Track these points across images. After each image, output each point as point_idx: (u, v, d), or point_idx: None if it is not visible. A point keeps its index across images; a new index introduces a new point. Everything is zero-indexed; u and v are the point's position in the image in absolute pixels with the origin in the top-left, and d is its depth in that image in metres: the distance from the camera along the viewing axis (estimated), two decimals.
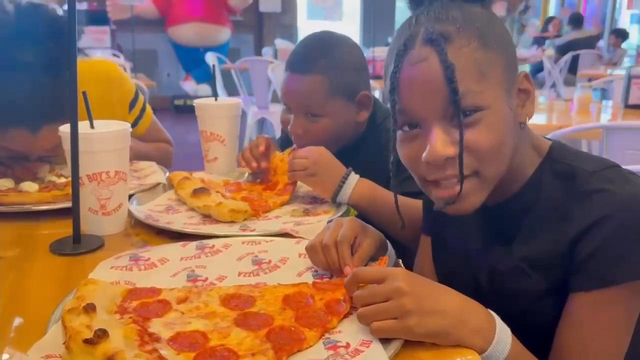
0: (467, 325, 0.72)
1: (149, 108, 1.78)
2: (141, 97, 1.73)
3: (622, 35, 8.59)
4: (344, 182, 1.23)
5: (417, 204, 1.13)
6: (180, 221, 1.18)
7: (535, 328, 0.82)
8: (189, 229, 1.11)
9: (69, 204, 1.07)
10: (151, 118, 1.78)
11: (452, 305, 0.73)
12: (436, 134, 0.80)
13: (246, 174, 1.49)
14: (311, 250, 0.92)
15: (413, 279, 0.74)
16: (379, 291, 0.73)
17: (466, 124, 0.79)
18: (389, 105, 0.87)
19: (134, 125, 1.67)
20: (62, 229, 1.09)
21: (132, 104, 1.69)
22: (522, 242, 0.88)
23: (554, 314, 0.84)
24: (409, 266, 1.16)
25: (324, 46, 1.38)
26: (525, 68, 8.09)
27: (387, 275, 0.74)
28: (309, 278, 0.89)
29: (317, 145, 1.28)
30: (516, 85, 0.85)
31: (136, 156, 1.52)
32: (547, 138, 0.94)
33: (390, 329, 0.70)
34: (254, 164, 1.40)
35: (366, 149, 1.43)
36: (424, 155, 0.81)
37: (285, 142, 1.54)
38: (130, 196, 1.24)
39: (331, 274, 0.90)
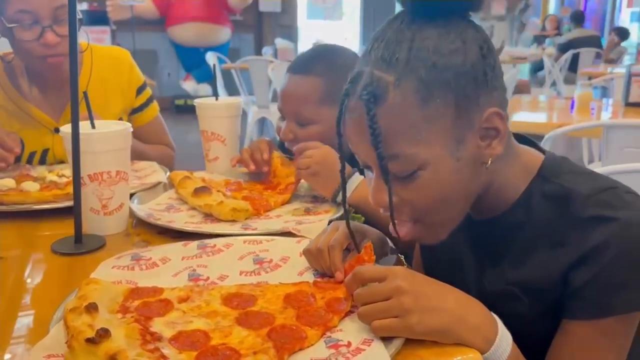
0: (466, 323, 0.72)
1: (156, 104, 1.83)
2: (149, 89, 1.81)
3: (622, 33, 8.58)
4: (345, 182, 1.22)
5: None
6: (182, 220, 1.18)
7: (525, 350, 0.79)
8: (191, 228, 1.11)
9: (69, 203, 1.07)
10: (156, 113, 1.83)
11: (452, 304, 0.73)
12: (374, 183, 0.81)
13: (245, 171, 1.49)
14: (307, 254, 0.92)
15: (413, 277, 0.74)
16: (379, 290, 0.73)
17: (401, 180, 0.78)
18: None
19: (139, 110, 1.76)
20: (64, 229, 1.09)
21: (140, 91, 1.77)
22: (514, 264, 0.85)
23: (545, 336, 0.82)
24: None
25: (326, 52, 1.43)
26: (525, 67, 8.09)
27: (388, 274, 0.73)
28: (310, 277, 0.90)
29: None
30: (477, 125, 0.78)
31: (133, 154, 1.53)
32: (539, 148, 0.90)
33: (391, 327, 0.70)
34: (252, 167, 1.40)
35: None
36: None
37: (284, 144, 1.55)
38: (131, 195, 1.24)
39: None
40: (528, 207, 0.84)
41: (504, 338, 0.73)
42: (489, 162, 0.80)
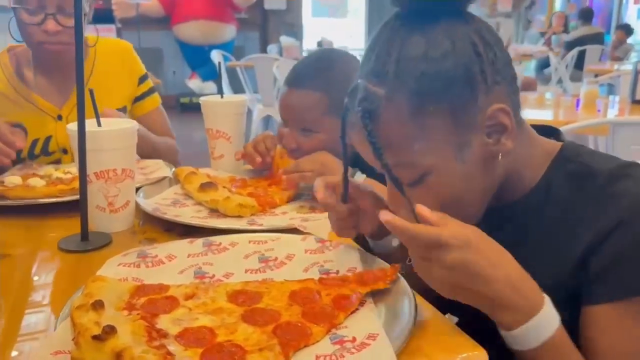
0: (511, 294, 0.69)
1: (157, 95, 1.87)
2: (150, 80, 1.84)
3: (627, 30, 8.53)
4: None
5: None
6: (188, 215, 1.18)
7: None
8: (197, 222, 1.11)
9: (75, 198, 1.07)
10: (158, 103, 1.86)
11: (503, 275, 0.70)
12: (388, 189, 0.83)
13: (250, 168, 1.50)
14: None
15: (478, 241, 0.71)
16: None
17: (411, 185, 0.78)
18: None
19: (140, 98, 1.81)
20: (70, 227, 1.09)
21: (141, 80, 1.81)
22: (532, 246, 0.82)
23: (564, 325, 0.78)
24: None
25: (325, 64, 1.37)
26: (531, 64, 8.06)
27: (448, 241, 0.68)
28: (315, 274, 0.90)
29: None
30: (480, 124, 0.76)
31: (145, 145, 1.58)
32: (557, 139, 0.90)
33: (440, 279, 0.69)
34: (259, 159, 1.40)
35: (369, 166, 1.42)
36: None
37: None
38: (137, 190, 1.24)
39: (337, 270, 0.90)
40: (548, 188, 0.83)
41: (547, 318, 0.70)
42: (500, 157, 0.79)
